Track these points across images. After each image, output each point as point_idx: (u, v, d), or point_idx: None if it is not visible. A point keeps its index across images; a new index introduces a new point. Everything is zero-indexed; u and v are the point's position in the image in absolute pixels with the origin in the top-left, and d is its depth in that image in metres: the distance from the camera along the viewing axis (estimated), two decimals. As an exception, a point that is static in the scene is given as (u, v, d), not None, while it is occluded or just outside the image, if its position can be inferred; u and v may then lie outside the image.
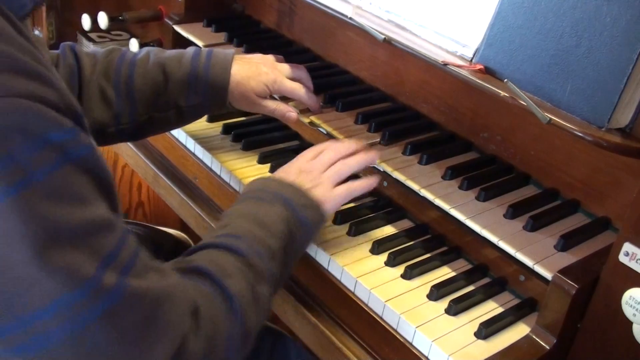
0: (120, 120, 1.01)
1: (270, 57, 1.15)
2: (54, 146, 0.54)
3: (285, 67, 1.13)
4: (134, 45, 1.46)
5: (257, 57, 1.14)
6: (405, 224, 1.05)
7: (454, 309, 0.88)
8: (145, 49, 1.08)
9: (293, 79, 1.13)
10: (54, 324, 0.55)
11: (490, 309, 0.91)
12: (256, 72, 1.09)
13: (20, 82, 0.53)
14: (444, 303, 0.89)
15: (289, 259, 0.85)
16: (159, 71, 1.03)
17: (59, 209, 0.54)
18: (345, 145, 0.98)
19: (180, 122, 1.10)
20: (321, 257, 0.96)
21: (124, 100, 1.01)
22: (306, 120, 1.13)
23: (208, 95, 1.05)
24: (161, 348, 0.62)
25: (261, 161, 1.15)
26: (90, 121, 0.95)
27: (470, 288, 0.93)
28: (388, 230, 1.03)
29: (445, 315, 0.88)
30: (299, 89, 1.12)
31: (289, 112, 1.10)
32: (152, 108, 1.03)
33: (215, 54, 1.07)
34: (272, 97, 1.12)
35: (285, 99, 1.14)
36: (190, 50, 1.08)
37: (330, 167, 0.94)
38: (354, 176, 0.99)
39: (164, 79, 1.03)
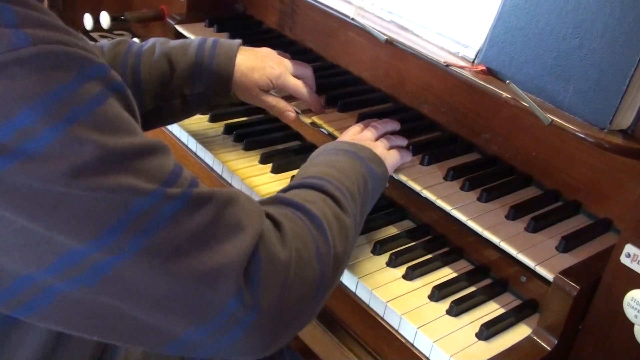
0: None
1: (275, 52, 1.15)
2: (95, 80, 0.56)
3: (290, 64, 1.14)
4: (135, 45, 1.46)
5: (264, 50, 1.14)
6: (407, 224, 1.05)
7: (456, 310, 0.88)
8: (152, 39, 1.07)
9: (297, 77, 1.13)
10: (128, 236, 0.57)
11: (491, 310, 0.91)
12: (261, 65, 1.09)
13: (51, 34, 0.55)
14: (445, 304, 0.89)
15: (364, 207, 0.87)
16: (165, 61, 1.03)
17: (110, 137, 0.56)
18: (384, 124, 1.07)
19: (186, 112, 1.10)
20: (322, 257, 0.96)
21: (130, 91, 1.01)
22: (308, 120, 1.13)
23: (212, 84, 1.05)
24: (234, 245, 0.62)
25: (263, 161, 1.15)
26: None
27: (472, 289, 0.93)
28: (389, 230, 1.03)
29: (447, 316, 0.88)
30: (301, 87, 1.12)
31: (287, 111, 1.11)
32: (158, 98, 1.04)
33: (221, 43, 1.07)
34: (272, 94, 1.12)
35: (289, 98, 1.14)
36: (196, 39, 1.08)
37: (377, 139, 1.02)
38: None
39: (170, 68, 1.04)
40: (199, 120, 1.23)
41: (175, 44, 1.07)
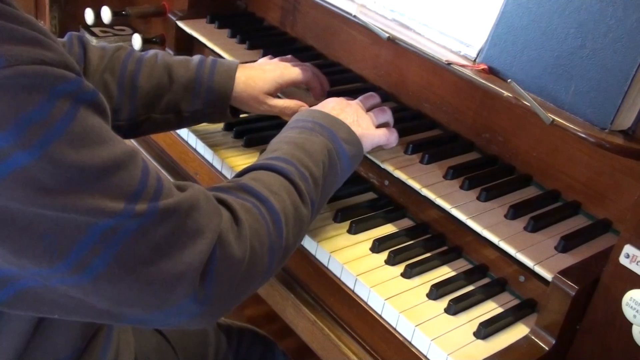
0: (119, 116, 1.02)
1: (267, 58, 1.17)
2: (65, 97, 0.57)
3: (286, 63, 1.14)
4: (136, 40, 1.46)
5: (258, 61, 1.16)
6: (406, 222, 1.05)
7: (454, 309, 0.88)
8: (153, 50, 1.08)
9: (300, 82, 1.14)
10: (94, 255, 0.59)
11: (489, 309, 0.91)
12: (260, 70, 1.10)
13: (21, 49, 0.55)
14: (443, 302, 0.89)
15: (327, 188, 0.89)
16: (164, 72, 1.04)
17: (83, 155, 0.57)
18: (374, 98, 1.09)
19: (178, 126, 1.11)
20: (321, 254, 0.96)
21: (125, 97, 1.01)
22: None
23: (210, 101, 1.05)
24: (194, 250, 0.65)
25: (262, 158, 1.15)
26: None
27: (470, 288, 0.93)
28: (388, 228, 1.03)
29: (445, 314, 0.88)
30: (305, 72, 1.13)
31: (301, 107, 1.11)
32: (152, 109, 1.03)
33: (220, 62, 1.08)
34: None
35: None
36: (196, 57, 1.09)
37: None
38: None
39: (169, 81, 1.04)
40: (199, 116, 1.23)
41: (176, 58, 1.07)
